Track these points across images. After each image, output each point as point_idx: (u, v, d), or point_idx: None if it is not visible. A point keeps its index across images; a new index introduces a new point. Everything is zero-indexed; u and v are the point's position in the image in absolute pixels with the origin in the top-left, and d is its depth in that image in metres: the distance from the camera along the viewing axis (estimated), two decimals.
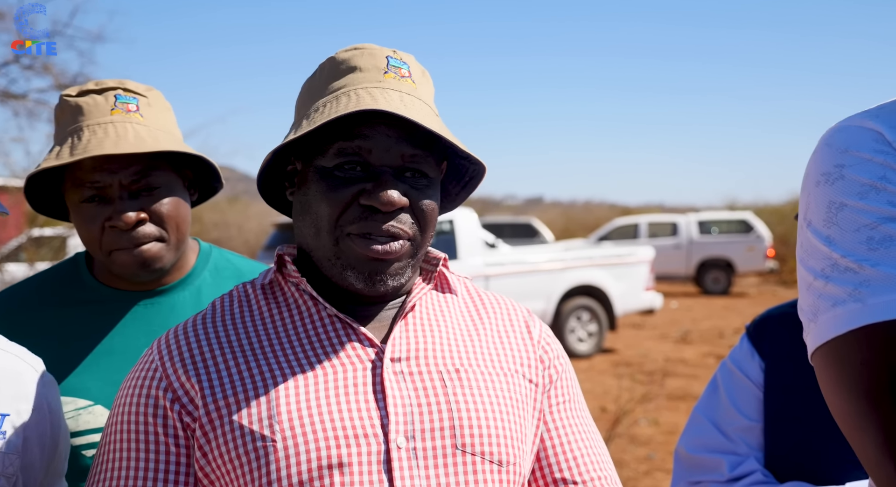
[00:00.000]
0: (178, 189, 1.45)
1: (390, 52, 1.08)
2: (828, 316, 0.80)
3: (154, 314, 1.46)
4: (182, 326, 1.08)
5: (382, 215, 1.01)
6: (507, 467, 1.02)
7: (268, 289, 1.11)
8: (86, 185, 1.37)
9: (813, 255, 0.84)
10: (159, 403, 1.01)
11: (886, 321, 0.75)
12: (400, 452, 0.97)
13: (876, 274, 0.77)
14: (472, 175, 1.16)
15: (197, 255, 1.56)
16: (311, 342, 1.04)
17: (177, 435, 1.00)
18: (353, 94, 1.02)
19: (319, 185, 1.03)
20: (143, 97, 1.43)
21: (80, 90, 1.42)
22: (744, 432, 1.56)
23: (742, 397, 1.58)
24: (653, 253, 11.02)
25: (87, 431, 1.37)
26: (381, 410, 0.99)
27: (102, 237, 1.39)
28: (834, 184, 0.83)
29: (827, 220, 0.83)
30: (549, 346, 1.17)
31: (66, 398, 1.37)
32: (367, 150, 1.02)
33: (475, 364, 1.07)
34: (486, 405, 1.03)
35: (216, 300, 1.12)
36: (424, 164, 1.04)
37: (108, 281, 1.48)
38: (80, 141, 1.35)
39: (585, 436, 1.14)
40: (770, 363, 1.57)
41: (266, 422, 0.97)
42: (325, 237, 1.03)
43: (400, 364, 1.04)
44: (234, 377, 1.01)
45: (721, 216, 19.35)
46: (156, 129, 1.41)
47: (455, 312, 1.14)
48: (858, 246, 0.79)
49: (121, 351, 1.42)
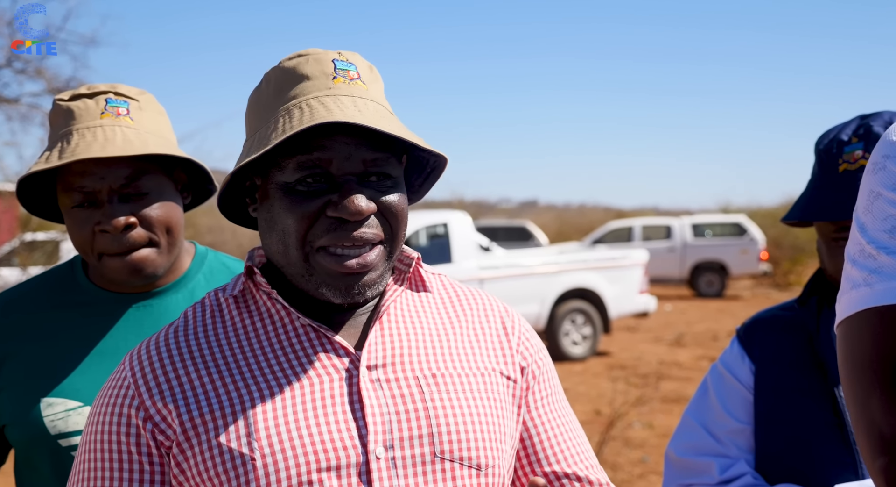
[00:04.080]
0: (170, 193, 1.45)
1: (335, 55, 1.06)
2: (846, 297, 0.85)
3: (147, 317, 1.46)
4: (154, 339, 1.06)
5: (351, 223, 1.00)
6: (486, 470, 1.02)
7: (240, 298, 1.09)
8: (75, 189, 1.37)
9: (852, 239, 0.88)
10: (132, 422, 1.00)
11: (887, 304, 0.80)
12: (379, 462, 0.97)
13: (888, 262, 0.81)
14: (434, 166, 1.14)
15: (192, 257, 1.56)
16: (285, 354, 1.03)
17: (150, 453, 0.99)
18: (306, 105, 0.99)
19: (283, 201, 1.00)
20: (134, 101, 1.43)
21: (72, 94, 1.42)
22: (734, 434, 1.56)
23: (732, 400, 1.59)
24: (647, 256, 11.04)
25: (76, 432, 1.37)
26: (360, 420, 0.99)
27: (93, 241, 1.39)
28: (877, 174, 0.87)
29: (865, 208, 0.87)
30: (529, 342, 1.16)
31: (55, 399, 1.38)
32: (328, 161, 0.99)
33: (451, 367, 1.06)
34: (465, 409, 1.03)
35: (188, 310, 1.10)
36: (387, 165, 1.03)
37: (102, 284, 1.49)
38: (69, 145, 1.35)
39: (569, 428, 1.15)
40: (760, 366, 1.57)
41: (244, 440, 0.96)
42: (294, 254, 1.01)
43: (376, 372, 1.03)
44: (209, 394, 1.00)
45: (715, 219, 19.40)
46: (146, 132, 1.41)
47: (430, 312, 1.13)
48: (882, 234, 0.83)
49: (112, 353, 1.42)
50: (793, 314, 1.60)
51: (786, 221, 1.55)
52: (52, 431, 1.37)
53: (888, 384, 0.78)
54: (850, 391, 0.82)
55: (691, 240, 18.20)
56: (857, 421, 0.81)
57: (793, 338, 1.56)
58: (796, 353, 1.54)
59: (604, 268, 10.41)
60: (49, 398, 1.38)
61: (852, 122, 1.52)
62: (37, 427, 1.37)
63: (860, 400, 0.80)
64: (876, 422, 0.78)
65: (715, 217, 20.06)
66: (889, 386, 0.78)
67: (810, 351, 1.53)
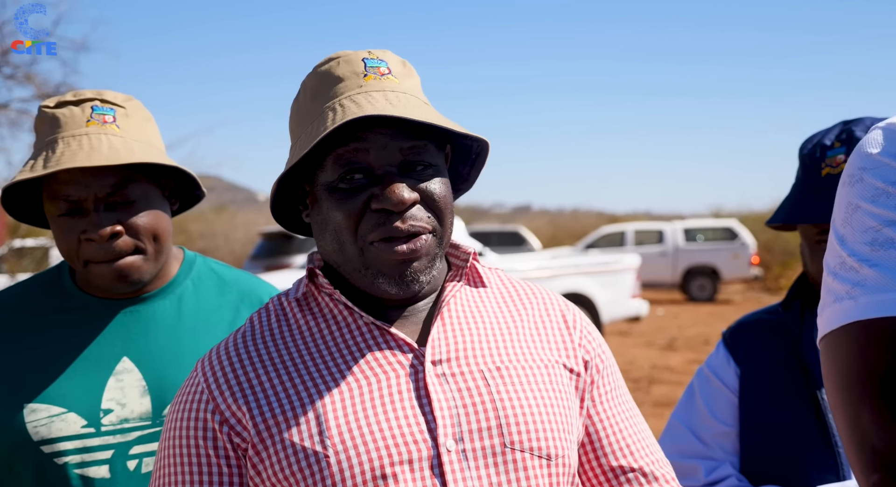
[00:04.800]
0: (157, 200, 1.45)
1: (365, 54, 1.08)
2: (829, 311, 0.84)
3: (133, 323, 1.46)
4: (223, 344, 1.10)
5: (397, 215, 1.02)
6: (556, 460, 1.03)
7: (303, 301, 1.12)
8: (60, 198, 1.37)
9: (831, 251, 0.87)
10: (208, 426, 1.03)
11: (872, 318, 0.79)
12: (450, 455, 0.98)
13: (871, 274, 0.80)
14: (478, 152, 1.16)
15: (180, 263, 1.56)
16: (350, 352, 1.05)
17: (227, 456, 1.02)
18: (338, 106, 1.02)
19: (329, 200, 1.04)
20: (120, 108, 1.43)
21: (58, 101, 1.41)
22: (720, 437, 1.58)
23: (718, 403, 1.60)
24: (639, 261, 11.06)
25: (58, 438, 1.36)
26: (428, 415, 1.00)
27: (79, 249, 1.38)
28: (854, 186, 0.86)
29: (844, 220, 0.86)
30: (591, 336, 1.17)
31: (39, 405, 1.37)
32: (365, 153, 1.02)
33: (515, 359, 1.07)
34: (531, 401, 1.04)
35: (253, 315, 1.13)
36: (425, 153, 1.05)
37: (89, 289, 1.48)
38: (55, 153, 1.34)
39: (633, 422, 1.15)
40: (745, 369, 1.58)
41: (317, 438, 0.98)
42: (350, 250, 1.04)
43: (441, 366, 1.04)
44: (279, 395, 1.02)
45: (706, 224, 19.44)
46: (132, 140, 1.40)
47: (490, 306, 1.14)
48: (863, 247, 0.82)
49: (97, 359, 1.42)
50: (777, 317, 1.61)
51: (770, 224, 1.57)
52: (34, 437, 1.36)
53: (878, 398, 0.76)
54: (839, 406, 0.81)
55: (683, 244, 18.24)
56: (849, 437, 0.79)
57: (777, 341, 1.57)
58: (780, 356, 1.55)
59: (596, 273, 10.42)
60: (33, 403, 1.37)
61: (835, 127, 1.54)
62: (19, 433, 1.36)
63: (850, 416, 0.79)
64: (868, 438, 0.76)
65: (707, 222, 20.10)
66: (879, 400, 0.76)
67: (794, 354, 1.54)
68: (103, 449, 1.38)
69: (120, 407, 1.40)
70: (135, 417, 1.41)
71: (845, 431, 0.80)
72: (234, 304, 1.55)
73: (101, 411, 1.39)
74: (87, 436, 1.38)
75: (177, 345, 1.46)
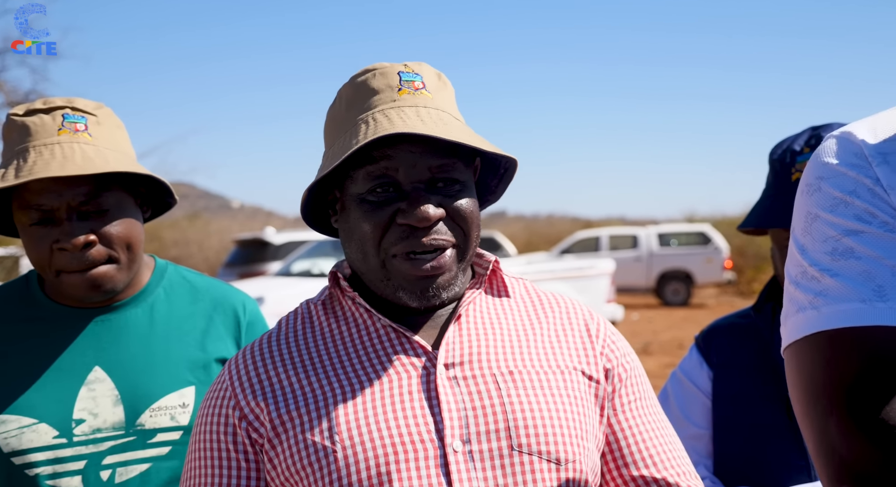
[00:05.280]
0: (130, 209, 1.44)
1: (401, 67, 1.10)
2: (792, 320, 0.84)
3: (104, 332, 1.45)
4: (251, 346, 1.14)
5: (422, 230, 1.04)
6: (567, 465, 1.03)
7: (328, 305, 1.16)
8: (32, 207, 1.35)
9: (791, 260, 0.88)
10: (229, 421, 1.07)
11: (835, 328, 0.79)
12: (457, 455, 1.00)
13: (833, 285, 0.80)
14: (507, 166, 1.19)
15: (152, 271, 1.55)
16: (367, 353, 1.08)
17: (246, 451, 1.06)
18: (371, 119, 1.04)
19: (357, 211, 1.06)
20: (91, 116, 1.41)
21: (27, 109, 1.40)
22: (693, 440, 1.59)
23: (691, 406, 1.62)
24: (614, 266, 11.13)
25: (30, 449, 1.35)
26: (437, 415, 1.02)
27: (51, 259, 1.37)
28: (812, 195, 0.86)
29: (804, 229, 0.86)
30: (615, 345, 1.17)
31: (9, 416, 1.35)
32: (395, 169, 1.04)
33: (530, 364, 1.08)
34: (542, 405, 1.04)
35: (282, 319, 1.17)
36: (454, 170, 1.07)
37: (59, 298, 1.46)
38: (26, 162, 1.33)
39: (660, 433, 1.14)
40: (718, 373, 1.60)
41: (327, 433, 1.02)
42: (373, 261, 1.07)
43: (454, 369, 1.06)
44: (296, 393, 1.06)
45: (680, 229, 19.61)
46: (105, 148, 1.39)
47: (510, 312, 1.15)
48: (824, 257, 0.83)
49: (68, 369, 1.40)
50: (749, 321, 1.63)
51: (742, 228, 1.59)
52: (5, 449, 1.34)
53: (844, 409, 0.76)
54: (806, 416, 0.81)
55: (657, 249, 18.38)
56: (816, 448, 0.79)
57: (749, 345, 1.59)
58: (752, 359, 1.57)
59: (571, 277, 10.47)
60: (3, 415, 1.35)
61: (804, 133, 1.56)
62: None
63: (817, 427, 0.79)
64: (835, 448, 0.76)
65: (680, 227, 20.28)
66: (845, 411, 0.76)
67: (766, 357, 1.56)
68: (76, 460, 1.37)
69: (92, 417, 1.39)
70: (107, 427, 1.39)
71: (812, 441, 0.80)
72: (206, 312, 1.54)
73: (73, 421, 1.38)
74: (58, 447, 1.36)
75: (149, 354, 1.45)
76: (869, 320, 0.77)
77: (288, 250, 13.23)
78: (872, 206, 0.81)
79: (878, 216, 0.81)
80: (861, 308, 0.78)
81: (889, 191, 0.81)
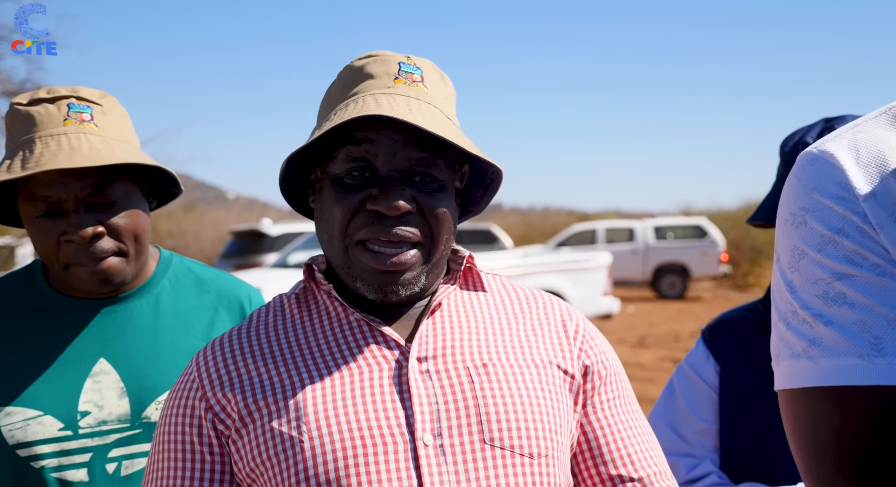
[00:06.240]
0: (137, 199, 1.42)
1: (403, 58, 1.09)
2: (786, 364, 0.82)
3: (110, 323, 1.44)
4: (220, 337, 1.12)
5: (389, 219, 1.03)
6: (539, 459, 1.02)
7: (301, 297, 1.15)
8: (39, 199, 1.34)
9: (779, 294, 0.84)
10: (195, 413, 1.05)
11: (835, 386, 0.76)
12: (427, 449, 0.99)
13: (827, 334, 0.78)
14: (493, 178, 1.17)
15: (157, 263, 1.54)
16: (338, 346, 1.07)
17: (211, 444, 1.04)
18: (361, 100, 1.03)
19: (331, 191, 1.06)
20: (97, 105, 1.40)
21: (31, 98, 1.38)
22: (700, 434, 1.59)
23: (698, 400, 1.61)
24: (610, 259, 11.13)
25: (35, 442, 1.34)
26: (408, 409, 1.01)
27: (59, 251, 1.36)
28: (798, 228, 0.82)
29: (791, 264, 0.83)
30: (593, 341, 1.16)
31: (14, 409, 1.34)
32: (374, 154, 1.03)
33: (504, 358, 1.07)
34: (516, 398, 1.03)
35: (254, 312, 1.16)
36: (434, 167, 1.05)
37: (63, 289, 1.45)
38: (33, 154, 1.31)
39: (639, 432, 1.13)
40: (725, 367, 1.60)
41: (294, 423, 1.00)
42: (337, 245, 1.06)
43: (426, 363, 1.05)
44: (264, 384, 1.04)
45: (676, 222, 19.61)
46: (111, 139, 1.37)
47: (485, 308, 1.15)
48: (815, 300, 0.79)
49: (73, 361, 1.39)
50: (756, 314, 1.63)
51: (752, 222, 1.58)
52: (10, 441, 1.33)
53: (853, 473, 0.74)
54: (810, 475, 0.79)
55: (653, 242, 18.39)
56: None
57: (757, 339, 1.59)
58: (760, 353, 1.57)
59: (568, 270, 10.48)
60: (8, 407, 1.34)
61: (817, 124, 1.55)
62: None
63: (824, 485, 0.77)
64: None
65: (676, 220, 20.28)
66: (855, 475, 0.74)
67: None
68: (81, 452, 1.36)
69: (98, 409, 1.38)
70: (113, 419, 1.38)
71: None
72: (212, 304, 1.53)
73: (79, 413, 1.37)
74: (64, 439, 1.35)
75: (155, 346, 1.44)
76: (868, 378, 0.75)
77: (284, 241, 13.20)
78: (862, 247, 0.78)
79: (869, 258, 0.77)
80: (859, 365, 0.75)
81: (878, 230, 0.77)
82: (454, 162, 1.10)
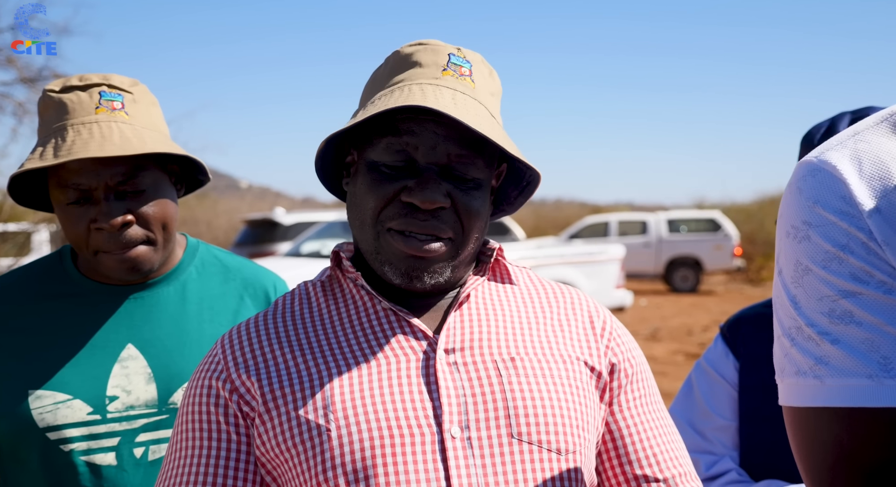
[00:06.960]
0: (166, 188, 1.44)
1: (454, 50, 1.08)
2: (791, 382, 0.81)
3: (137, 309, 1.45)
4: (245, 322, 1.12)
5: (423, 212, 1.02)
6: (567, 456, 1.01)
7: (327, 285, 1.14)
8: (70, 186, 1.35)
9: (783, 308, 0.83)
10: (220, 394, 1.05)
11: (843, 407, 0.75)
12: (454, 442, 0.98)
13: (834, 353, 0.76)
14: (529, 180, 1.16)
15: (184, 250, 1.55)
16: (365, 335, 1.06)
17: (237, 423, 1.04)
18: (407, 88, 1.02)
19: (366, 177, 1.05)
20: (128, 93, 1.41)
21: (63, 85, 1.39)
22: (719, 431, 1.58)
23: (717, 397, 1.61)
24: (623, 251, 11.11)
25: (65, 425, 1.36)
26: (435, 401, 1.00)
27: (88, 238, 1.37)
28: (801, 243, 0.80)
29: (794, 279, 0.81)
30: (620, 340, 1.15)
31: (44, 392, 1.36)
32: (414, 146, 1.02)
33: (532, 352, 1.07)
34: (544, 394, 1.03)
35: (279, 299, 1.15)
36: (472, 166, 1.04)
37: (92, 275, 1.47)
38: (65, 142, 1.33)
39: (664, 432, 1.13)
40: (744, 363, 1.59)
41: (321, 412, 1.00)
42: (368, 231, 1.05)
43: (454, 355, 1.04)
44: (290, 370, 1.04)
45: (690, 215, 19.52)
46: (141, 127, 1.39)
47: (513, 301, 1.14)
48: (821, 317, 0.78)
49: (102, 346, 1.41)
50: None
51: None
52: (40, 424, 1.35)
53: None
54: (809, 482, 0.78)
55: (666, 235, 18.33)
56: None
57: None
58: None
59: (580, 263, 10.46)
60: (38, 390, 1.36)
61: (843, 117, 1.52)
62: (24, 420, 1.35)
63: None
64: None
65: (690, 213, 20.19)
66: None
67: None
68: (109, 436, 1.38)
69: (125, 394, 1.40)
70: (140, 404, 1.40)
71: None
72: (237, 292, 1.55)
73: (107, 398, 1.39)
74: (93, 423, 1.37)
75: (181, 333, 1.46)
76: (878, 400, 0.74)
77: (297, 230, 13.24)
78: (868, 264, 0.76)
79: (875, 276, 0.76)
80: (869, 386, 0.74)
81: (884, 246, 0.76)
82: (493, 160, 1.09)
